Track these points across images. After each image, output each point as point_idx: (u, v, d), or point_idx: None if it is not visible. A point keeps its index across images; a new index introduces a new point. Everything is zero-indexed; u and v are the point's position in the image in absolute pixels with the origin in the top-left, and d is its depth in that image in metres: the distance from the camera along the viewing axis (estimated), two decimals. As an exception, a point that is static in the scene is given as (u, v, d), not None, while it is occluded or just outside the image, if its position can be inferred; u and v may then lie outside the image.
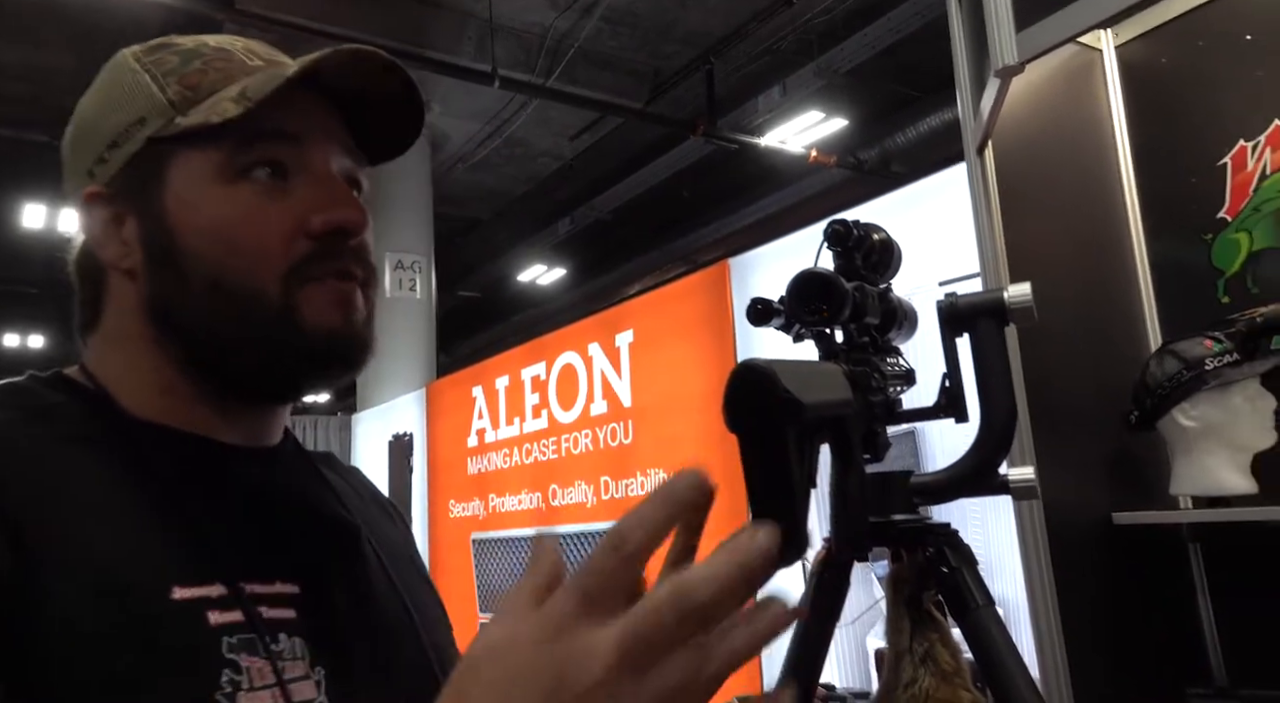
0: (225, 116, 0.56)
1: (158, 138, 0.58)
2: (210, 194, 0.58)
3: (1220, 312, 1.47)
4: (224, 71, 0.60)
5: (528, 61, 5.43)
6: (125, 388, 0.59)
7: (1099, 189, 1.63)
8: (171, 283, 0.58)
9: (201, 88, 0.59)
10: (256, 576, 0.56)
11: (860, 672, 2.20)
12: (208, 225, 0.57)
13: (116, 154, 0.59)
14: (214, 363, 0.59)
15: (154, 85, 0.59)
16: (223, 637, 0.52)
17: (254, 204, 0.58)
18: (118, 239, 0.60)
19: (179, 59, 0.61)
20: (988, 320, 0.85)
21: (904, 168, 5.83)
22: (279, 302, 0.57)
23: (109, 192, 0.60)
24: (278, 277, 0.57)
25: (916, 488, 0.88)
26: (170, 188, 0.58)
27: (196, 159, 0.58)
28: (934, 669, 0.81)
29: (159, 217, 0.58)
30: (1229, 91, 1.50)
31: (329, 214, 0.58)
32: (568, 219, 7.95)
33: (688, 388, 2.97)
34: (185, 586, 0.52)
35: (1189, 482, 1.40)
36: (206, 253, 0.57)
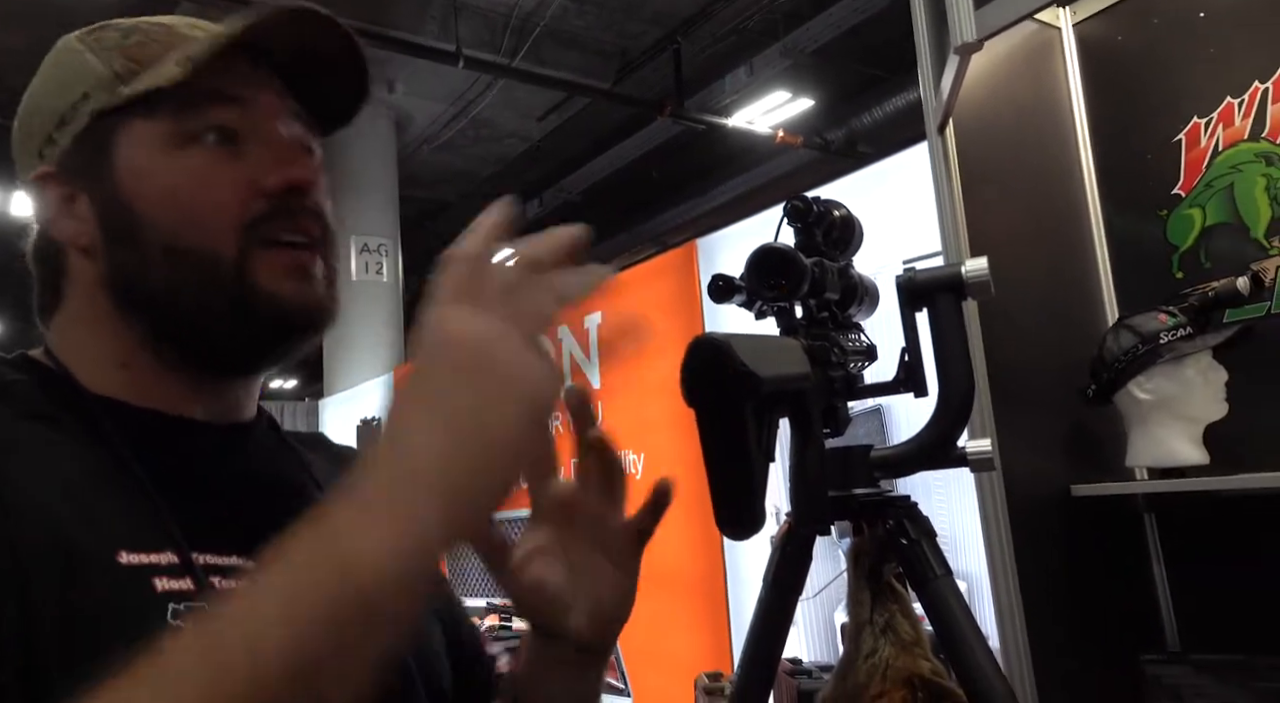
0: (170, 79, 0.56)
1: (103, 111, 0.59)
2: (160, 161, 0.58)
3: (1175, 286, 1.50)
4: (165, 43, 0.60)
5: (493, 41, 5.37)
6: (86, 366, 0.59)
7: (1058, 166, 1.65)
8: (128, 255, 0.58)
9: (145, 60, 0.59)
10: (210, 547, 0.56)
11: (828, 646, 2.24)
12: (159, 192, 0.58)
13: (64, 132, 0.59)
14: (176, 334, 0.59)
15: (97, 60, 0.60)
16: (169, 603, 0.52)
17: (205, 168, 0.58)
18: (72, 217, 0.60)
19: (119, 34, 0.61)
20: (945, 295, 0.86)
21: (870, 148, 5.86)
22: (235, 264, 0.57)
23: (60, 171, 0.60)
24: (234, 238, 0.57)
25: (877, 462, 0.89)
26: (120, 159, 0.58)
27: (143, 128, 0.58)
28: (894, 640, 0.83)
29: (111, 189, 0.58)
30: (1183, 69, 1.52)
31: (282, 173, 0.59)
32: (537, 201, 7.90)
33: (656, 369, 2.97)
34: (133, 551, 0.52)
35: (1144, 453, 1.43)
36: (160, 220, 0.57)
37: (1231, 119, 1.46)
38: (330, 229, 0.63)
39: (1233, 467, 1.36)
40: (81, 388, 0.58)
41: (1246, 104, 1.44)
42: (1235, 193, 1.45)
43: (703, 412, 0.55)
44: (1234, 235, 1.45)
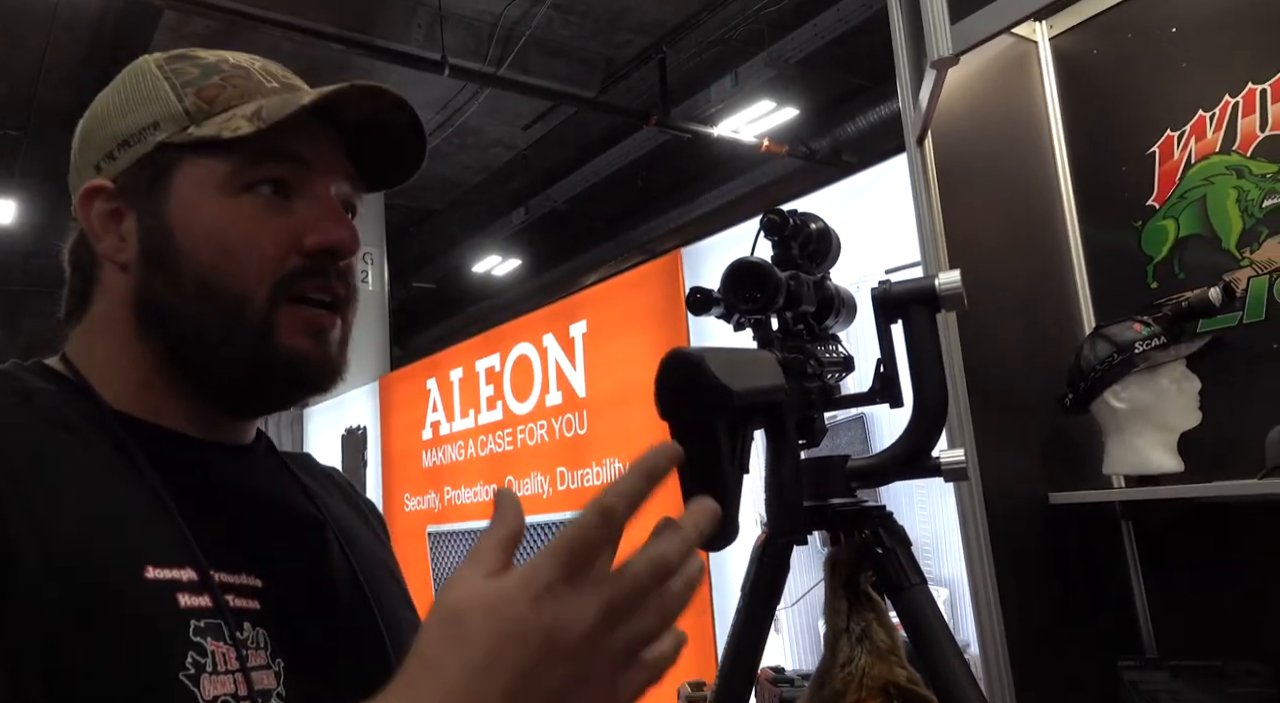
0: (238, 133, 0.59)
1: (169, 143, 0.61)
2: (213, 201, 0.61)
3: (1150, 296, 1.52)
4: (241, 88, 0.63)
5: (479, 50, 5.37)
6: (105, 379, 0.61)
7: (1035, 177, 1.67)
8: (162, 280, 0.61)
9: (218, 102, 0.62)
10: (224, 565, 0.58)
11: (812, 654, 2.24)
12: (206, 229, 0.60)
13: (127, 153, 0.62)
14: (193, 363, 0.61)
15: (172, 93, 0.62)
16: (191, 620, 0.53)
17: (253, 216, 0.61)
18: (116, 233, 0.62)
19: (199, 71, 0.64)
20: (920, 307, 0.87)
21: (854, 157, 5.90)
22: (262, 311, 0.60)
23: (114, 187, 0.62)
24: (266, 286, 0.60)
25: (854, 472, 0.90)
26: (175, 191, 0.61)
27: (204, 167, 0.61)
28: (870, 648, 0.84)
29: (160, 216, 0.61)
30: (1156, 83, 1.55)
31: (324, 234, 0.62)
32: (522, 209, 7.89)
33: (642, 378, 2.98)
34: (158, 566, 0.54)
35: (1120, 461, 1.45)
36: (200, 254, 0.60)
37: (1204, 132, 1.49)
38: (355, 291, 0.66)
39: (1207, 474, 1.38)
40: (100, 400, 0.60)
41: (1218, 117, 1.47)
42: (1208, 204, 1.48)
43: (676, 426, 0.56)
44: (1207, 246, 1.48)
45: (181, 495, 0.58)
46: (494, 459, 3.78)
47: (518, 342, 3.63)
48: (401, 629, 0.69)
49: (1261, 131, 1.42)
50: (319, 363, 0.63)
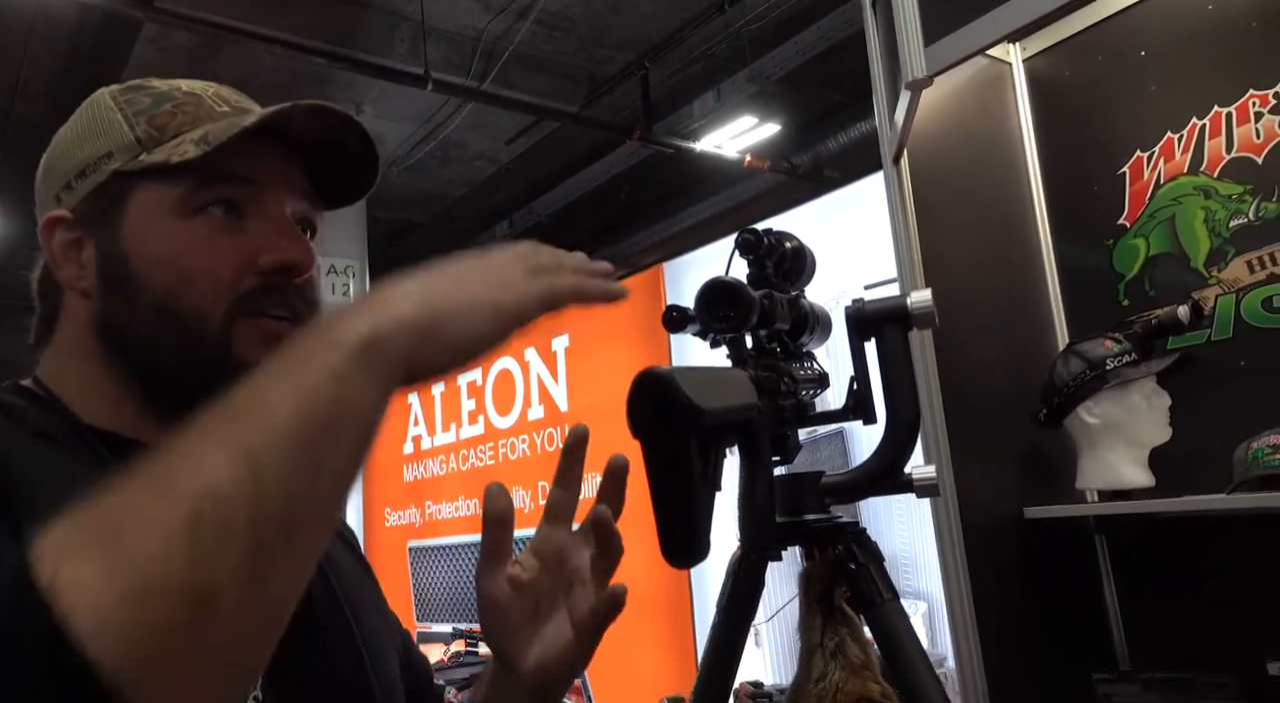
0: (185, 157, 0.60)
1: (122, 171, 0.62)
2: (165, 225, 0.61)
3: (1122, 313, 1.54)
4: (191, 115, 0.64)
5: (462, 64, 5.38)
6: (77, 398, 0.62)
7: (1010, 196, 1.69)
8: (121, 305, 0.61)
9: (168, 128, 0.63)
10: None
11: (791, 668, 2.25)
12: (159, 254, 0.61)
13: (84, 183, 0.63)
14: (154, 385, 0.62)
15: (125, 123, 0.64)
16: None
17: (206, 238, 0.61)
18: (76, 261, 0.63)
19: (151, 100, 0.65)
20: (892, 326, 0.88)
21: (836, 173, 5.94)
22: (219, 331, 0.60)
23: (73, 217, 0.63)
24: (221, 307, 0.60)
25: (827, 488, 0.91)
26: (129, 218, 0.62)
27: (155, 193, 0.62)
28: (844, 663, 0.84)
29: (116, 242, 0.62)
30: (1126, 104, 1.58)
31: (278, 253, 0.62)
32: (506, 222, 7.89)
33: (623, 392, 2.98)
34: None
35: (1093, 476, 1.47)
36: (156, 279, 0.61)
37: (1172, 153, 1.52)
38: (317, 306, 0.66)
39: (1177, 489, 1.40)
40: (76, 418, 0.61)
41: (1186, 139, 1.50)
42: (1177, 224, 1.51)
43: (648, 444, 0.56)
44: (1176, 265, 1.50)
45: None
46: (475, 473, 3.77)
47: (499, 355, 3.62)
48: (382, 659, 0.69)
49: (1228, 153, 1.45)
50: None
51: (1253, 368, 1.41)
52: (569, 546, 0.65)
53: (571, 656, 0.63)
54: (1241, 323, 1.42)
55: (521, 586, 0.64)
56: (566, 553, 0.64)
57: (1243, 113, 1.44)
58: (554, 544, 0.65)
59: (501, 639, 0.64)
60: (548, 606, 0.64)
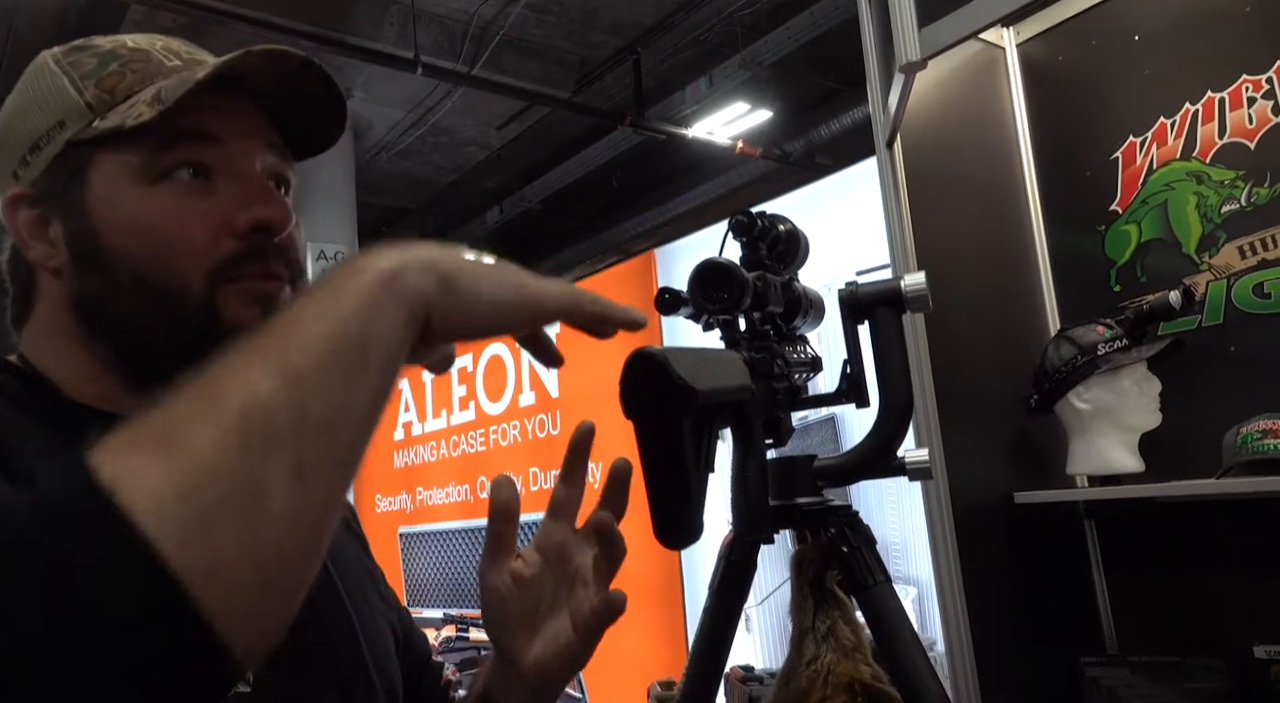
0: (140, 120, 0.57)
1: (77, 141, 0.59)
2: (131, 194, 0.58)
3: (1113, 299, 1.54)
4: (141, 73, 0.61)
5: (452, 49, 5.34)
6: (61, 376, 0.61)
7: (1002, 181, 1.69)
8: (97, 281, 0.59)
9: (119, 90, 0.60)
10: None
11: (781, 653, 2.26)
12: (129, 224, 0.58)
13: (39, 157, 0.60)
14: (141, 359, 0.60)
15: (71, 88, 0.60)
16: None
17: (176, 204, 0.58)
18: (44, 239, 0.60)
19: (96, 61, 0.61)
20: (886, 309, 0.88)
21: (828, 159, 5.94)
22: (202, 300, 0.58)
23: (34, 193, 0.60)
24: (201, 275, 0.58)
25: (820, 471, 0.91)
26: (92, 189, 0.59)
27: (116, 161, 0.59)
28: (836, 646, 0.84)
29: (81, 217, 0.59)
30: (1120, 89, 1.58)
31: (252, 212, 0.59)
32: (497, 209, 7.86)
33: (615, 378, 2.98)
34: None
35: (1084, 461, 1.48)
36: (130, 251, 0.58)
37: (1165, 138, 1.52)
38: (300, 265, 0.64)
39: (1167, 474, 1.41)
40: (61, 394, 0.60)
41: (1178, 124, 1.50)
42: (1169, 210, 1.51)
43: (641, 425, 0.56)
44: (1168, 251, 1.51)
45: None
46: (466, 460, 3.76)
47: (490, 342, 3.61)
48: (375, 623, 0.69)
49: (1220, 139, 1.45)
50: None
51: (1243, 354, 1.41)
52: (571, 543, 0.64)
53: (570, 654, 0.63)
54: (1232, 309, 1.42)
55: (523, 580, 0.63)
56: (569, 551, 0.64)
57: (1235, 98, 1.43)
58: (556, 541, 0.64)
59: (502, 633, 0.64)
60: (549, 602, 0.64)
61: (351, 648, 0.65)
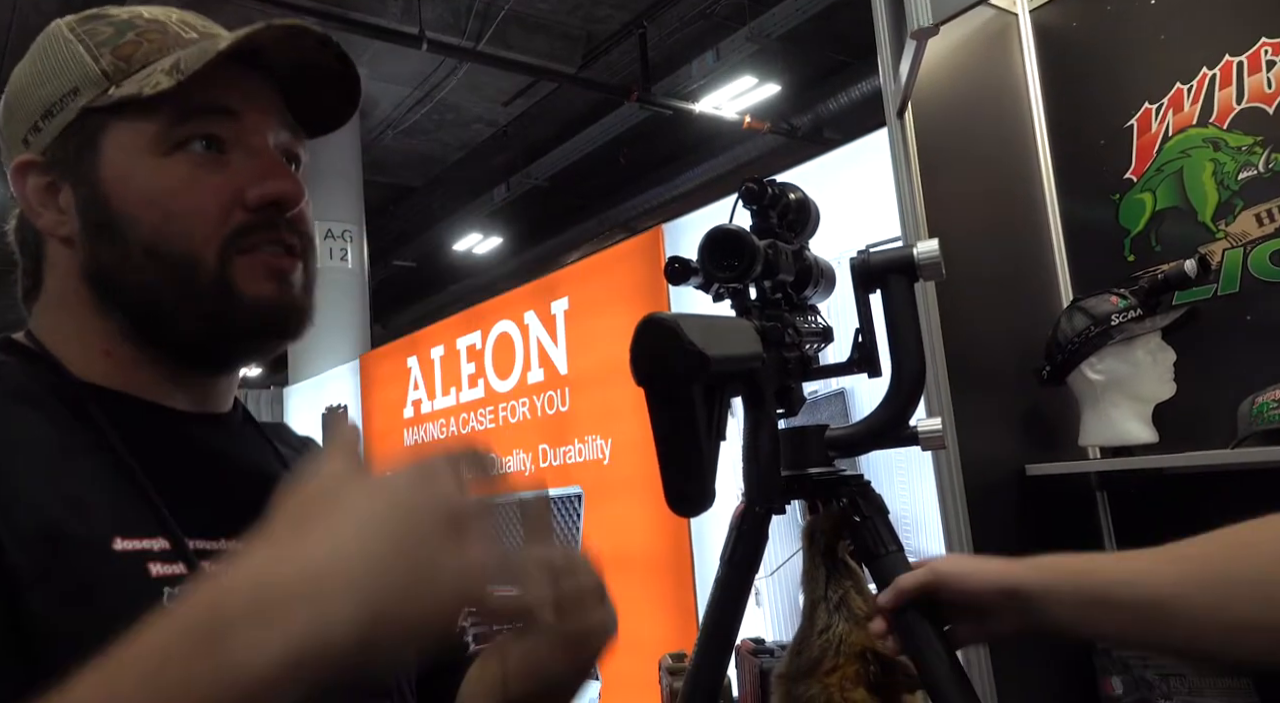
0: (158, 89, 0.57)
1: (92, 108, 0.59)
2: (145, 164, 0.59)
3: (1127, 269, 1.53)
4: (158, 43, 0.61)
5: (457, 24, 5.31)
6: (70, 352, 0.60)
7: (1014, 150, 1.67)
8: (109, 250, 0.59)
9: (135, 59, 0.60)
10: (201, 533, 0.57)
11: (791, 625, 2.27)
12: (143, 194, 0.58)
13: (51, 123, 0.60)
14: (153, 329, 0.60)
15: (87, 55, 0.60)
16: (164, 587, 0.53)
17: (190, 175, 0.59)
18: (54, 207, 0.60)
19: (113, 30, 0.61)
20: (898, 277, 0.87)
21: (836, 133, 5.89)
22: (215, 271, 0.58)
23: (44, 160, 0.60)
24: (214, 246, 0.58)
25: (832, 441, 0.90)
26: (105, 157, 0.59)
27: (130, 130, 0.59)
28: (848, 615, 0.84)
29: (94, 185, 0.59)
30: (1135, 55, 1.55)
31: (264, 187, 0.60)
32: (504, 186, 7.84)
33: (623, 354, 2.97)
34: (127, 537, 0.53)
35: (1096, 433, 1.47)
36: (143, 220, 0.58)
37: (1181, 105, 1.49)
38: (310, 238, 0.64)
39: (1180, 445, 1.40)
40: (66, 373, 0.59)
41: (1195, 90, 1.47)
42: (1184, 177, 1.48)
43: (652, 391, 0.55)
44: (1183, 219, 1.48)
45: (153, 464, 0.57)
46: (476, 437, 3.77)
47: (499, 319, 3.61)
48: None
49: (1238, 104, 1.42)
50: (285, 306, 0.61)
51: (1259, 323, 1.39)
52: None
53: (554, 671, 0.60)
54: (1249, 277, 1.41)
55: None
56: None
57: (1254, 62, 1.41)
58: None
59: None
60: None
61: None
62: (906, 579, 0.77)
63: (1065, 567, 0.71)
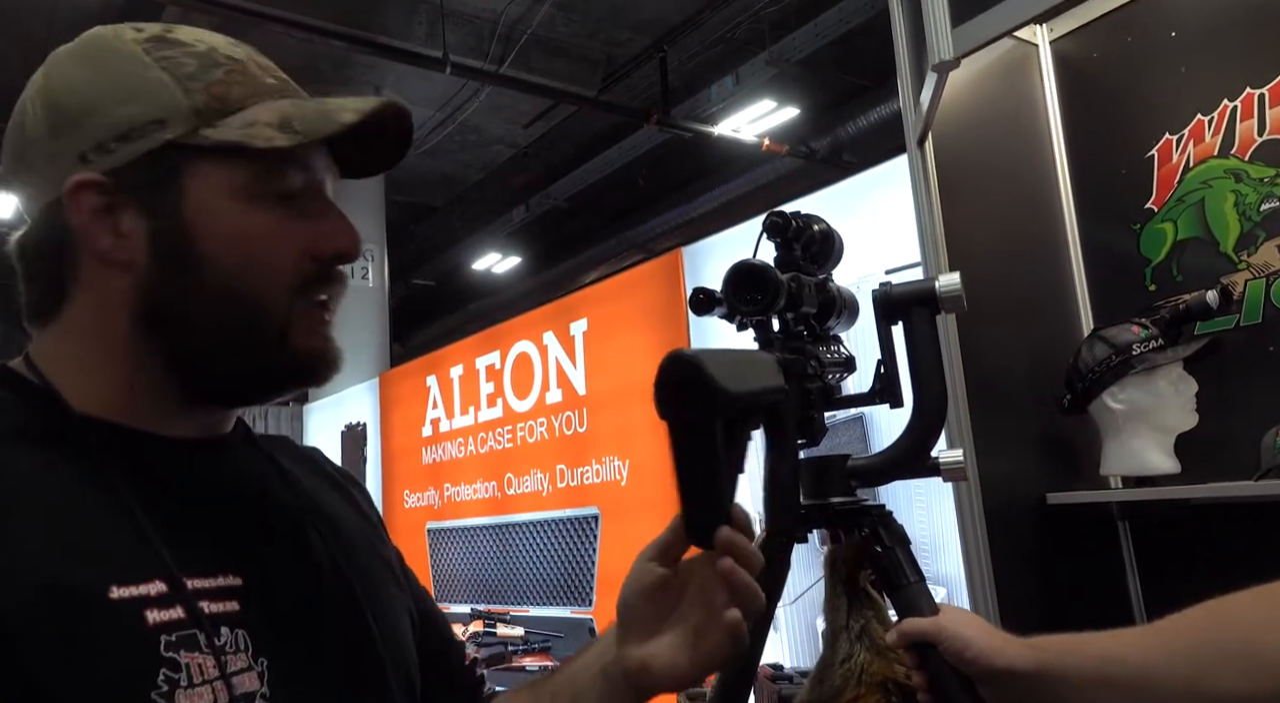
0: (272, 144, 0.58)
1: (180, 144, 0.59)
2: (233, 207, 0.59)
3: (1148, 298, 1.53)
4: (245, 86, 0.61)
5: (480, 47, 5.38)
6: (75, 382, 0.59)
7: (1035, 179, 1.68)
8: (180, 284, 0.59)
9: (229, 101, 0.60)
10: (199, 570, 0.57)
11: (808, 652, 2.26)
12: (229, 237, 0.59)
13: (127, 148, 0.58)
14: (199, 367, 0.61)
15: (176, 88, 0.59)
16: (161, 635, 0.53)
17: (272, 223, 0.60)
18: (112, 231, 0.59)
19: (196, 64, 0.60)
20: (920, 309, 0.88)
21: (855, 157, 5.91)
22: (281, 317, 0.60)
23: (109, 182, 0.58)
24: (285, 293, 0.61)
25: (853, 471, 0.91)
26: (190, 194, 0.59)
27: (222, 172, 0.59)
28: (869, 645, 0.85)
29: (175, 219, 0.59)
30: (1156, 86, 1.56)
31: (336, 242, 0.63)
32: (523, 207, 7.91)
33: (642, 376, 2.98)
34: (124, 585, 0.53)
35: (1118, 462, 1.46)
36: (224, 261, 0.59)
37: (1202, 136, 1.50)
38: (347, 285, 0.67)
39: (1203, 476, 1.39)
40: (68, 408, 0.58)
41: (1216, 121, 1.48)
42: (1206, 208, 1.49)
43: (674, 425, 0.57)
44: (1205, 249, 1.49)
45: (153, 501, 0.57)
46: (494, 456, 3.79)
47: (518, 339, 3.63)
48: (389, 610, 0.69)
49: (1259, 136, 1.43)
50: (330, 360, 0.64)
51: (1282, 354, 1.39)
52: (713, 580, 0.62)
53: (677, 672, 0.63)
54: (1271, 308, 1.40)
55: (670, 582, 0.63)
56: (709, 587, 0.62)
57: (1275, 94, 1.41)
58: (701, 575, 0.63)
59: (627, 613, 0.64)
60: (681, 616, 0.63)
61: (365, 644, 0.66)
62: (911, 625, 0.78)
63: (1058, 647, 0.73)
